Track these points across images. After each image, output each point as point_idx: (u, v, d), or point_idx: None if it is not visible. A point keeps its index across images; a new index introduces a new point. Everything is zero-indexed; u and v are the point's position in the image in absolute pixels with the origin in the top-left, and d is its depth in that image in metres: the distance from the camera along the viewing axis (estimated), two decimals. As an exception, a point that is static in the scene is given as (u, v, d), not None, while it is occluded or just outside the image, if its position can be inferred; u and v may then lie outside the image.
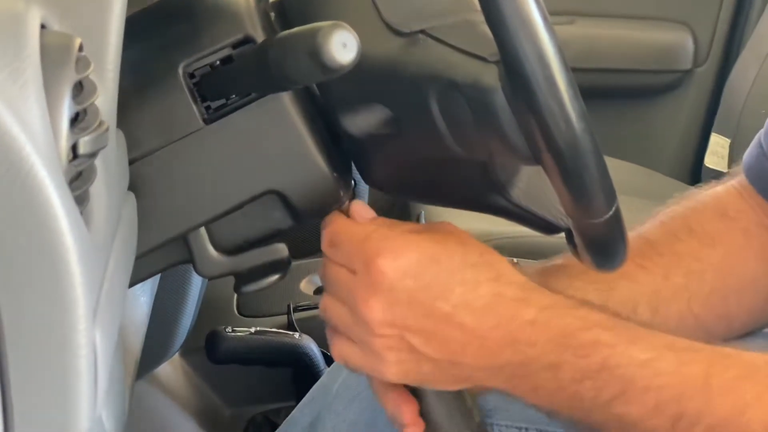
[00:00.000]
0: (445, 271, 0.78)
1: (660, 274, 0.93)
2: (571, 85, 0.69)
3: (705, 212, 0.98)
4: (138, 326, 1.09)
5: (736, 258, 0.96)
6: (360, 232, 0.81)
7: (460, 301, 0.77)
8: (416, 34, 0.77)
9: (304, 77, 0.68)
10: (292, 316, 1.74)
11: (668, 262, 0.94)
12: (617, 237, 0.78)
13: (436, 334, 0.78)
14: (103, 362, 0.58)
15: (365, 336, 0.79)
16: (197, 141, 0.80)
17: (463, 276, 0.78)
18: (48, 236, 0.52)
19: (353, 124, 0.81)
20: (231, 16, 0.80)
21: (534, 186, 0.83)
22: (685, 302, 0.93)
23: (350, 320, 0.80)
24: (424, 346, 0.78)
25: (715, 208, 0.98)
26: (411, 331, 0.78)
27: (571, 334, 0.76)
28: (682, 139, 2.31)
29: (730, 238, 0.96)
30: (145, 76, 0.79)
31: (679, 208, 0.99)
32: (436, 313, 0.77)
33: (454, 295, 0.77)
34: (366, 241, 0.79)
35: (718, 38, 2.27)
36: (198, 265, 0.84)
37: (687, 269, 0.94)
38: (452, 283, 0.78)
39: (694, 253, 0.95)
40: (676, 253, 0.94)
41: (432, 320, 0.78)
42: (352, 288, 0.79)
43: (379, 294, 0.77)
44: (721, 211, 0.97)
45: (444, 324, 0.78)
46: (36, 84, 0.52)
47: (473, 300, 0.77)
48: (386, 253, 0.78)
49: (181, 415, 1.67)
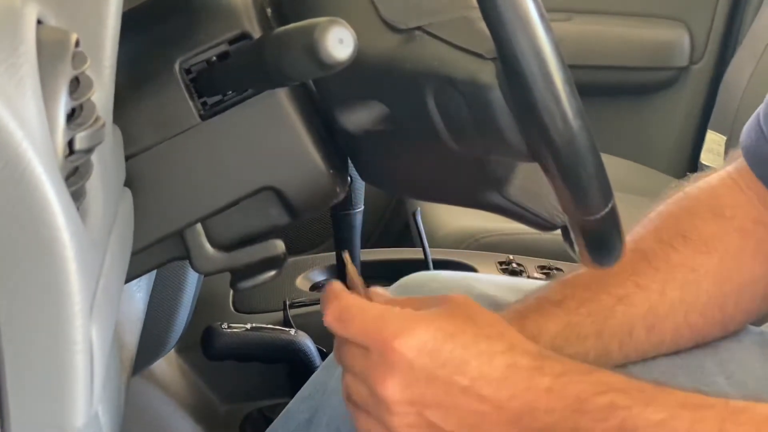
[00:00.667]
0: (459, 346, 0.79)
1: (656, 291, 0.93)
2: (568, 82, 0.69)
3: (699, 213, 0.98)
4: (134, 322, 1.09)
5: (733, 262, 0.96)
6: (371, 310, 0.81)
7: (477, 374, 0.78)
8: (413, 30, 0.77)
9: (300, 73, 0.68)
10: (288, 313, 1.74)
11: (664, 276, 0.94)
12: (614, 233, 0.78)
13: (455, 408, 0.79)
14: (100, 358, 0.57)
15: (384, 414, 0.80)
16: (194, 137, 0.80)
17: (478, 349, 0.79)
18: (44, 232, 0.52)
19: (350, 121, 0.81)
20: (228, 12, 0.80)
21: (530, 183, 0.83)
22: (682, 315, 0.94)
23: (368, 398, 0.81)
24: (444, 421, 0.79)
25: (710, 206, 0.98)
26: (431, 407, 0.79)
27: (588, 400, 0.77)
28: (678, 136, 2.31)
29: (725, 241, 0.96)
30: (141, 71, 0.79)
31: (673, 207, 0.99)
32: (454, 388, 0.78)
33: (471, 368, 0.78)
34: (379, 320, 0.80)
35: (715, 35, 2.27)
36: (194, 261, 0.84)
37: (683, 281, 0.94)
38: (468, 357, 0.78)
39: (689, 263, 0.95)
40: (672, 266, 0.94)
41: (451, 395, 0.78)
42: (367, 367, 0.80)
43: (396, 374, 0.78)
44: (716, 210, 0.97)
45: (463, 397, 0.78)
46: (32, 79, 0.52)
47: (489, 372, 0.78)
48: (402, 332, 0.78)
49: (176, 411, 1.66)
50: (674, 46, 2.27)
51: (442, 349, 0.78)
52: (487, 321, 0.82)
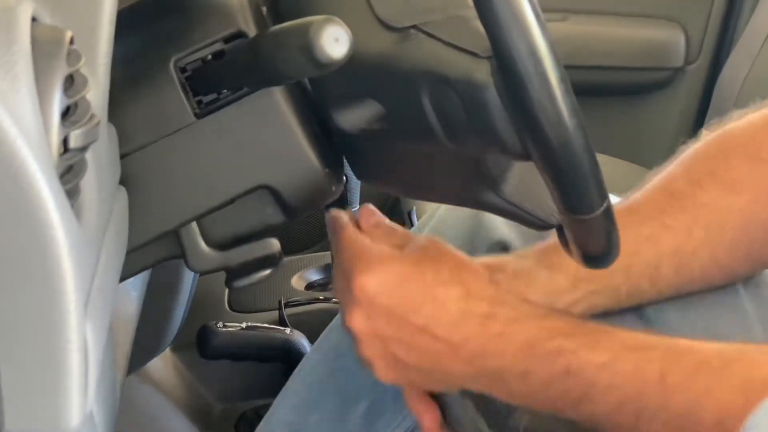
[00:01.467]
0: (416, 289, 0.84)
1: (683, 231, 0.94)
2: (564, 82, 0.69)
3: (733, 153, 0.97)
4: (129, 321, 1.09)
5: (762, 204, 0.95)
6: (351, 245, 0.86)
7: (431, 316, 0.83)
8: (408, 29, 0.76)
9: (295, 72, 0.68)
10: (283, 312, 1.74)
11: (691, 215, 0.94)
12: (609, 233, 0.78)
13: (413, 344, 0.84)
14: (94, 357, 0.57)
15: (356, 343, 0.87)
16: (189, 135, 0.79)
17: (434, 294, 0.84)
18: (39, 230, 0.52)
19: (345, 120, 0.81)
20: (223, 10, 0.80)
21: (525, 182, 0.83)
22: (708, 254, 0.94)
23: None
24: (406, 355, 0.85)
25: (745, 146, 0.97)
26: (392, 341, 0.84)
27: (536, 345, 0.82)
28: (673, 137, 2.30)
29: (756, 182, 0.95)
30: (136, 69, 0.79)
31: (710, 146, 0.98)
32: (410, 326, 0.83)
33: (425, 310, 0.83)
34: (354, 256, 0.85)
35: (710, 36, 2.26)
36: (189, 259, 0.84)
37: (709, 220, 0.94)
38: (423, 300, 0.84)
39: (716, 203, 0.94)
40: (699, 205, 0.94)
41: (408, 332, 0.84)
42: (342, 297, 0.87)
43: (358, 307, 0.84)
44: (751, 151, 0.96)
45: (419, 335, 0.83)
46: (27, 77, 0.52)
47: (443, 315, 0.83)
48: (364, 271, 0.84)
49: (172, 410, 1.66)
50: (669, 47, 2.27)
51: (398, 290, 0.83)
52: (450, 265, 0.86)
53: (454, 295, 0.84)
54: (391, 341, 0.85)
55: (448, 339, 0.83)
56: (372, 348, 0.86)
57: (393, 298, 0.84)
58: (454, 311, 0.83)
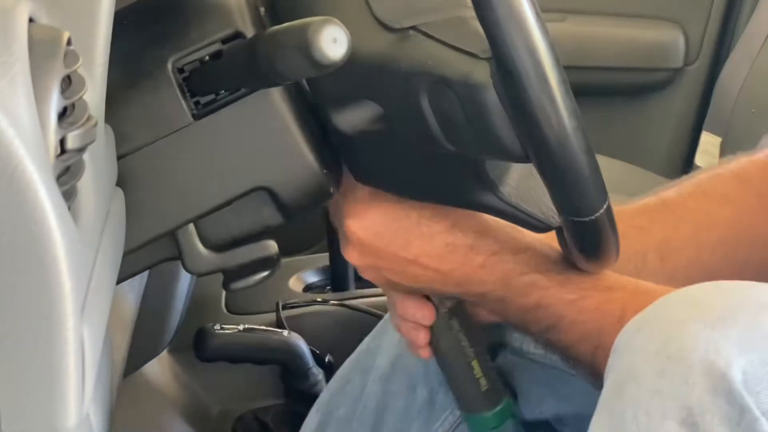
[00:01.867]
0: (403, 228, 0.89)
1: (670, 226, 1.00)
2: (563, 82, 0.68)
3: (721, 175, 1.04)
4: (126, 323, 1.09)
5: (747, 217, 1.01)
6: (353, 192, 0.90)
7: (420, 251, 0.89)
8: (407, 30, 0.76)
9: (294, 73, 0.67)
10: (281, 314, 1.74)
11: (678, 215, 1.01)
12: (608, 234, 0.78)
13: (405, 272, 0.91)
14: (91, 359, 0.57)
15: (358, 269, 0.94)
16: (186, 136, 0.79)
17: (420, 231, 0.89)
18: (36, 231, 0.51)
19: (343, 121, 0.81)
20: (221, 11, 0.80)
21: (525, 184, 0.83)
22: (694, 251, 1.00)
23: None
24: (400, 279, 0.92)
25: (733, 172, 1.04)
26: (386, 270, 0.91)
27: (512, 278, 0.89)
28: (672, 138, 2.31)
29: (743, 198, 1.02)
30: (134, 70, 0.79)
31: (701, 174, 1.06)
32: (401, 260, 0.90)
33: (414, 247, 0.89)
34: (347, 201, 0.90)
35: (709, 36, 2.26)
36: (186, 261, 0.84)
37: (697, 222, 1.01)
38: (411, 238, 0.89)
39: (704, 209, 1.02)
40: (687, 210, 1.02)
41: (400, 264, 0.90)
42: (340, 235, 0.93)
43: (351, 246, 0.91)
44: (738, 174, 1.04)
45: (411, 266, 0.90)
46: (24, 78, 0.52)
47: (430, 250, 0.89)
48: (353, 214, 0.89)
49: (168, 412, 1.66)
50: (669, 47, 2.26)
51: (386, 230, 0.89)
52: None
53: (439, 228, 0.89)
54: (384, 270, 0.91)
55: (437, 268, 0.90)
56: (368, 273, 0.93)
57: (382, 239, 0.89)
58: (440, 244, 0.89)
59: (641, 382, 0.68)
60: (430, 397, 1.08)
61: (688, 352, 0.67)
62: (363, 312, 1.68)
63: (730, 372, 0.65)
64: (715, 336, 0.67)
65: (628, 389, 0.68)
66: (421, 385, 1.08)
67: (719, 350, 0.66)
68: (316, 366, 1.68)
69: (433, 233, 0.89)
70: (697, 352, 0.66)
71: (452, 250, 0.89)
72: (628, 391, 0.68)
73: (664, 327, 0.69)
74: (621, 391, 0.69)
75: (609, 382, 0.71)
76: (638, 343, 0.70)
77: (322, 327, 1.75)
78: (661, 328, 0.69)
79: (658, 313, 0.72)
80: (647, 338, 0.69)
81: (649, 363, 0.68)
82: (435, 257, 0.89)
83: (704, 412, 0.65)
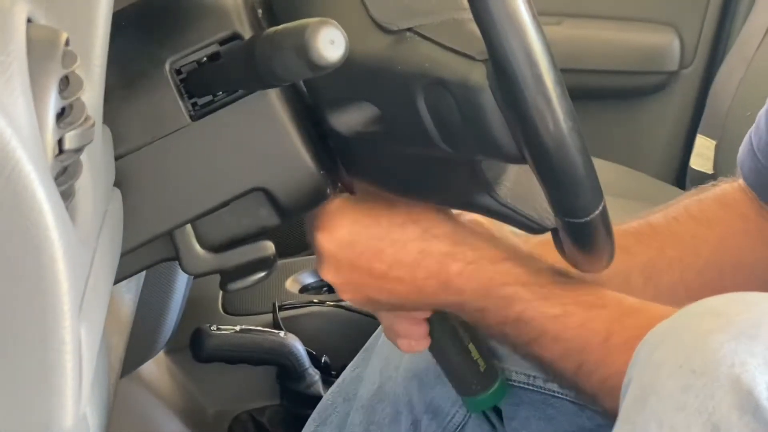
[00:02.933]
0: (374, 237, 0.88)
1: (655, 248, 1.00)
2: (559, 84, 0.69)
3: (705, 200, 1.05)
4: (123, 323, 1.09)
5: (733, 239, 1.01)
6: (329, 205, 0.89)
7: (393, 260, 0.88)
8: (404, 32, 0.76)
9: (291, 74, 0.67)
10: (277, 315, 1.74)
11: (665, 238, 1.01)
12: (604, 236, 0.78)
13: (381, 287, 0.89)
14: (88, 359, 0.57)
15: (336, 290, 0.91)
16: (184, 137, 0.79)
17: (392, 238, 0.88)
18: (33, 231, 0.51)
19: (340, 122, 0.81)
20: (218, 12, 0.80)
21: (521, 185, 0.83)
22: (678, 273, 1.00)
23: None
24: (377, 295, 0.90)
25: (716, 196, 1.05)
26: (362, 286, 0.89)
27: (492, 288, 0.87)
28: (667, 141, 2.31)
29: (728, 222, 1.02)
30: (131, 71, 0.79)
31: (685, 199, 1.06)
32: (375, 273, 0.88)
33: (386, 256, 0.88)
34: (320, 216, 0.88)
35: (705, 40, 2.26)
36: (184, 262, 0.84)
37: (683, 244, 1.01)
38: (382, 246, 0.88)
39: (690, 232, 1.02)
40: (673, 232, 1.02)
41: (374, 278, 0.88)
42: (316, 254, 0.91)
43: (325, 262, 0.89)
44: (721, 199, 1.04)
45: (384, 280, 0.88)
46: (22, 78, 0.52)
47: (404, 257, 0.88)
48: (323, 229, 0.88)
49: (165, 413, 1.66)
50: (664, 51, 2.27)
51: (358, 241, 0.87)
52: (404, 206, 0.89)
53: (411, 236, 0.88)
54: (361, 286, 0.89)
55: (411, 280, 0.88)
56: (348, 293, 0.91)
57: (353, 250, 0.87)
58: (413, 251, 0.87)
59: (665, 397, 0.66)
60: (414, 426, 1.08)
61: (713, 366, 0.65)
62: (359, 313, 1.68)
63: (757, 388, 0.64)
64: (740, 349, 0.66)
65: (651, 403, 0.67)
66: (405, 414, 1.08)
67: (745, 365, 0.65)
68: (312, 367, 1.69)
69: (406, 240, 0.88)
70: (722, 366, 0.65)
71: (426, 257, 0.87)
72: (651, 404, 0.67)
73: (687, 340, 0.68)
74: (644, 404, 0.67)
75: (630, 395, 0.69)
76: (661, 356, 0.68)
77: (319, 328, 1.75)
78: (684, 341, 0.68)
79: (680, 325, 0.70)
80: (670, 351, 0.68)
81: (673, 377, 0.67)
82: (408, 265, 0.87)
83: (731, 429, 0.64)
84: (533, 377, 1.05)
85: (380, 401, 1.10)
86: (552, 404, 1.03)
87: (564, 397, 1.04)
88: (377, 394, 1.10)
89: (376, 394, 1.10)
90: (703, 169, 2.07)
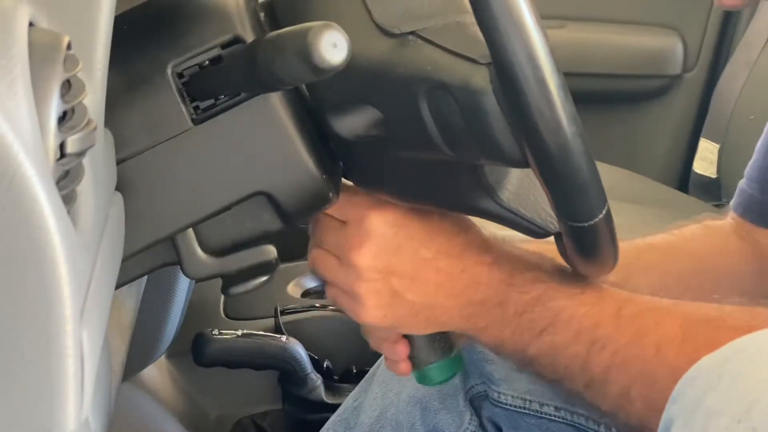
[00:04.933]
0: (427, 223, 0.89)
1: (633, 256, 1.02)
2: (563, 88, 0.68)
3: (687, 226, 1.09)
4: (124, 328, 1.09)
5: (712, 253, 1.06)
6: (352, 191, 0.89)
7: (438, 249, 0.89)
8: (407, 35, 0.76)
9: (293, 78, 0.67)
10: (279, 319, 1.74)
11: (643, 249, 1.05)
12: (607, 240, 0.78)
13: (416, 278, 0.89)
14: (90, 363, 0.57)
15: (352, 281, 0.89)
16: (186, 141, 0.79)
17: (442, 227, 0.89)
18: (35, 235, 0.51)
19: (342, 126, 0.81)
20: (220, 16, 0.80)
21: (524, 189, 0.83)
22: (657, 277, 1.03)
23: (338, 268, 0.91)
24: (406, 289, 0.89)
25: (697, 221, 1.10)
26: (395, 275, 0.89)
27: (517, 274, 0.89)
28: (671, 144, 2.31)
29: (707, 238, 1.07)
30: (133, 75, 0.79)
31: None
32: (418, 259, 0.89)
33: (435, 243, 0.89)
34: (359, 199, 0.89)
35: (708, 44, 2.27)
36: (185, 266, 0.84)
37: (661, 253, 1.05)
38: (433, 233, 0.89)
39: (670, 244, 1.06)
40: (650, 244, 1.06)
41: (414, 265, 0.89)
42: (342, 237, 0.90)
43: (369, 242, 0.88)
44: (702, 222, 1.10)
45: (424, 268, 0.89)
46: (24, 82, 0.51)
47: (450, 248, 0.89)
48: (377, 207, 0.88)
49: (166, 417, 1.66)
50: (667, 54, 2.27)
51: (411, 224, 0.88)
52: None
53: (458, 228, 0.90)
54: (393, 276, 0.89)
55: (449, 271, 0.89)
56: (371, 283, 0.89)
57: (406, 232, 0.88)
58: (458, 242, 0.89)
59: None
60: None
61: None
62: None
63: None
64: None
65: None
66: None
67: None
68: (314, 371, 1.69)
69: (454, 232, 0.90)
70: None
71: (467, 248, 0.89)
72: None
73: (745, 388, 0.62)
74: None
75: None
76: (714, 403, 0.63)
77: (321, 332, 1.75)
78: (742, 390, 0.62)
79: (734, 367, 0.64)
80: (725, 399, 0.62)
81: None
82: (451, 256, 0.89)
83: None
84: (529, 401, 1.06)
85: (382, 427, 1.10)
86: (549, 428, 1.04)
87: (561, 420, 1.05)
88: (379, 421, 1.10)
89: (378, 421, 1.10)
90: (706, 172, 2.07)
